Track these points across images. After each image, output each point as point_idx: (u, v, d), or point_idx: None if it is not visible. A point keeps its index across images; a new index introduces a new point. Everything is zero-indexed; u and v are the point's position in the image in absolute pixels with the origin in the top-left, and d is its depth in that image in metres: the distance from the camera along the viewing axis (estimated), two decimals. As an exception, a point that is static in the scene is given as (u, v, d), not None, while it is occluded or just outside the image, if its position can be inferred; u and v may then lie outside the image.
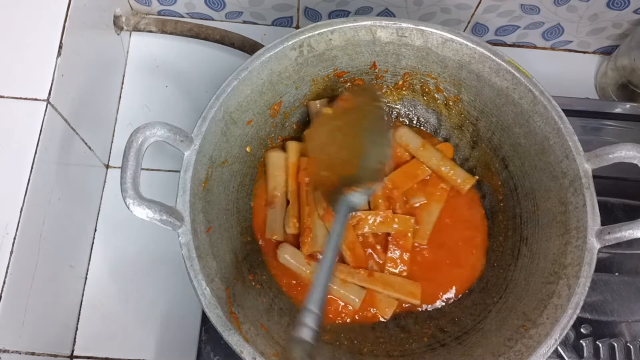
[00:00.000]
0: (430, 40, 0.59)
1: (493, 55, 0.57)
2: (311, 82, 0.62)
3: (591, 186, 0.52)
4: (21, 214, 0.52)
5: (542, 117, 0.56)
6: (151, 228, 0.65)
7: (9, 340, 0.51)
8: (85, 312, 0.67)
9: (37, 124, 0.54)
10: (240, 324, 0.50)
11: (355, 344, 0.58)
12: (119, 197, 0.47)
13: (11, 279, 0.50)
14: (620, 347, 0.63)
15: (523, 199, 0.61)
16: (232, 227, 0.58)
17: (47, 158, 0.55)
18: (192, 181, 0.51)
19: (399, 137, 0.65)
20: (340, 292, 0.60)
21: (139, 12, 0.80)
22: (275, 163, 0.63)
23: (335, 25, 0.57)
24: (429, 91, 0.65)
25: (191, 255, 0.49)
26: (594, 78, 0.83)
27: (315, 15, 0.79)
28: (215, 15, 0.81)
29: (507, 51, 0.60)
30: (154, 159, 0.73)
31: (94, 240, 0.70)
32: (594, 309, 0.64)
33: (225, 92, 0.54)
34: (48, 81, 0.55)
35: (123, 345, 0.66)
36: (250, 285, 0.56)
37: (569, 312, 0.49)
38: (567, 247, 0.53)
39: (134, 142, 0.48)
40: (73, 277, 0.66)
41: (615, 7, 0.73)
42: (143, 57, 0.79)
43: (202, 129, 0.53)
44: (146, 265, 0.69)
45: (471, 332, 0.57)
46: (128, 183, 0.46)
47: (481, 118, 0.63)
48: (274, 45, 0.56)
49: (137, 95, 0.77)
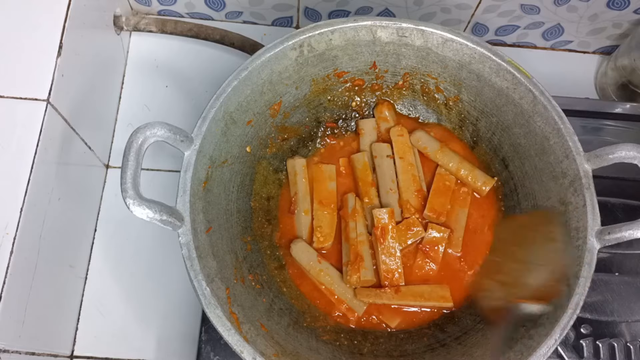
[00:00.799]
0: (431, 40, 0.59)
1: (493, 55, 0.57)
2: (311, 82, 0.62)
3: (591, 186, 0.52)
4: (21, 214, 0.52)
5: (542, 117, 0.56)
6: (151, 228, 0.65)
7: (9, 340, 0.51)
8: (85, 312, 0.67)
9: (37, 124, 0.54)
10: (240, 324, 0.50)
11: (355, 344, 0.58)
12: (119, 197, 0.47)
13: (11, 279, 0.50)
14: (620, 347, 0.63)
15: (523, 199, 0.61)
16: (232, 227, 0.58)
17: (47, 158, 0.55)
18: (192, 181, 0.51)
19: (415, 140, 0.65)
20: (347, 297, 0.59)
21: (139, 12, 0.80)
22: (294, 171, 0.64)
23: (336, 25, 0.57)
24: (429, 91, 0.65)
25: (191, 256, 0.49)
26: (594, 78, 0.83)
27: (315, 15, 0.79)
28: (215, 15, 0.81)
29: (507, 51, 0.60)
30: (154, 159, 0.73)
31: (94, 240, 0.70)
32: (594, 309, 0.64)
33: (225, 92, 0.54)
34: (48, 81, 0.55)
35: (123, 345, 0.66)
36: (250, 285, 0.56)
37: (569, 312, 0.49)
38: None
39: (134, 142, 0.48)
40: (73, 277, 0.66)
41: (615, 7, 0.73)
42: (143, 57, 0.79)
43: (202, 129, 0.53)
44: (146, 265, 0.69)
45: (471, 332, 0.57)
46: (128, 183, 0.46)
47: (481, 118, 0.63)
48: (274, 45, 0.56)
49: (137, 95, 0.77)
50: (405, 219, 0.61)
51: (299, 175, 0.64)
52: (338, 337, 0.58)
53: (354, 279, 0.58)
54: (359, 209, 0.61)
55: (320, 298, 0.61)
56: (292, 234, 0.63)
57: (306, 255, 0.61)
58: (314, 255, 0.61)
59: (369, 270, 0.59)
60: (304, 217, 0.63)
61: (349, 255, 0.60)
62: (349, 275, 0.58)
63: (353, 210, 0.61)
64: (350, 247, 0.60)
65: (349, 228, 0.61)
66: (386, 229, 0.59)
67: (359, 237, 0.60)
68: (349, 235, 0.60)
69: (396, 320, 0.59)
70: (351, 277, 0.58)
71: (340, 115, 0.68)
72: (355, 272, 0.58)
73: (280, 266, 0.62)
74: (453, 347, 0.56)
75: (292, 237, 0.63)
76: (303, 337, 0.56)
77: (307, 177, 0.64)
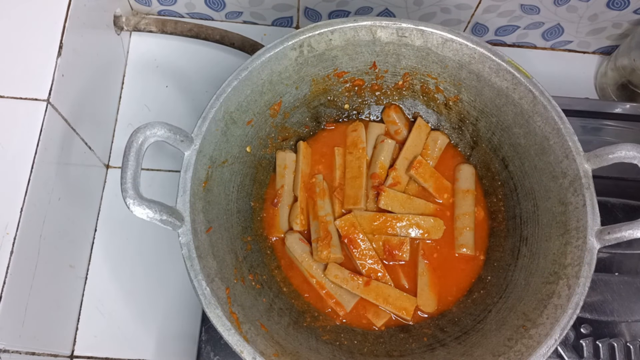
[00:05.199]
0: (430, 40, 0.59)
1: (493, 56, 0.57)
2: (311, 82, 0.62)
3: (591, 186, 0.52)
4: (21, 214, 0.52)
5: (542, 117, 0.56)
6: (151, 228, 0.65)
7: (9, 340, 0.51)
8: (85, 312, 0.67)
9: (37, 124, 0.54)
10: (240, 324, 0.50)
11: (355, 344, 0.58)
12: (119, 197, 0.47)
13: (11, 279, 0.50)
14: (620, 347, 0.63)
15: (523, 199, 0.61)
16: (232, 227, 0.58)
17: (47, 158, 0.55)
18: (192, 181, 0.51)
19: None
20: (335, 290, 0.60)
21: (139, 12, 0.80)
22: (284, 164, 0.65)
23: (336, 25, 0.57)
24: (429, 91, 0.65)
25: (191, 255, 0.49)
26: (594, 78, 0.83)
27: (315, 15, 0.79)
28: (215, 15, 0.81)
29: (507, 51, 0.60)
30: (154, 159, 0.73)
31: (94, 240, 0.70)
32: (594, 309, 0.64)
33: (226, 92, 0.54)
34: (48, 81, 0.55)
35: (123, 345, 0.66)
36: (250, 285, 0.56)
37: (569, 312, 0.49)
38: (567, 247, 0.53)
39: (134, 142, 0.48)
40: (73, 277, 0.66)
41: (615, 7, 0.73)
42: (143, 57, 0.79)
43: (202, 129, 0.53)
44: (146, 265, 0.69)
45: (471, 332, 0.57)
46: (128, 183, 0.46)
47: (481, 118, 0.63)
48: (274, 45, 0.56)
49: (137, 95, 0.77)
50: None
51: (288, 169, 0.65)
52: (338, 337, 0.58)
53: (324, 254, 0.60)
54: (326, 189, 0.63)
55: (309, 291, 0.61)
56: (273, 225, 0.64)
57: (299, 247, 0.61)
58: (306, 248, 0.61)
59: (337, 247, 0.60)
60: (286, 210, 0.64)
61: (319, 232, 0.61)
62: (319, 251, 0.60)
63: (321, 190, 0.63)
64: (320, 225, 0.61)
65: (317, 207, 0.62)
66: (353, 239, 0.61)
67: (327, 217, 0.62)
68: (317, 214, 0.62)
69: (382, 320, 0.60)
70: (321, 252, 0.60)
71: (341, 115, 0.68)
72: (325, 248, 0.60)
73: (280, 266, 0.62)
74: (453, 347, 0.56)
75: (271, 228, 0.63)
76: (303, 336, 0.56)
77: (295, 172, 0.65)
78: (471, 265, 0.63)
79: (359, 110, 0.68)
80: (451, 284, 0.62)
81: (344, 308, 0.60)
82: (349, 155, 0.65)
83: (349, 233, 0.61)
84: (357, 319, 0.60)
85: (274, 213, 0.64)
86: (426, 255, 0.62)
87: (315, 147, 0.67)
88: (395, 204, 0.62)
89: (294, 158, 0.65)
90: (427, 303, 0.60)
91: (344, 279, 0.60)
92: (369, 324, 0.60)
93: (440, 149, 0.66)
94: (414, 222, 0.62)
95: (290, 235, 0.62)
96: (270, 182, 0.65)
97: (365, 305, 0.60)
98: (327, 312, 0.60)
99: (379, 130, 0.67)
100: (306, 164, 0.65)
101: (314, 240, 0.61)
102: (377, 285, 0.60)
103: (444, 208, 0.64)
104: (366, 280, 0.60)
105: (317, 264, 0.61)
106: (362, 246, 0.61)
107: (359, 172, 0.63)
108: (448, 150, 0.67)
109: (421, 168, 0.63)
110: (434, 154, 0.66)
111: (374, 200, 0.63)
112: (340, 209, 0.63)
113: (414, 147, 0.65)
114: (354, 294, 0.60)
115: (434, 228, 0.62)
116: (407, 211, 0.63)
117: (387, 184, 0.63)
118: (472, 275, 0.63)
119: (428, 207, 0.64)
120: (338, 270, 0.60)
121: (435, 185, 0.64)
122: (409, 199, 0.63)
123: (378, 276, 0.61)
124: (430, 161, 0.65)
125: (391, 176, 0.63)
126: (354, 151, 0.65)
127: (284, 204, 0.64)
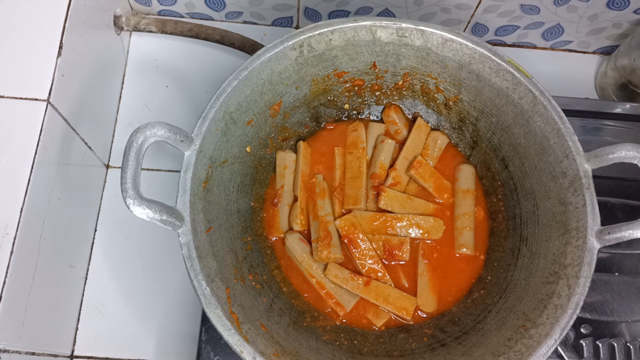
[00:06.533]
0: (430, 40, 0.59)
1: (493, 56, 0.57)
2: (311, 82, 0.62)
3: (591, 186, 0.52)
4: (21, 214, 0.52)
5: (542, 117, 0.56)
6: (151, 228, 0.65)
7: (9, 340, 0.51)
8: (85, 312, 0.67)
9: (37, 124, 0.54)
10: (240, 324, 0.50)
11: (355, 344, 0.58)
12: (119, 197, 0.47)
13: (11, 279, 0.50)
14: (620, 347, 0.63)
15: (523, 199, 0.61)
16: (232, 227, 0.58)
17: (47, 158, 0.55)
18: (192, 181, 0.51)
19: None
20: (335, 290, 0.60)
21: (139, 12, 0.80)
22: (284, 164, 0.65)
23: (336, 25, 0.57)
24: (429, 91, 0.65)
25: (191, 255, 0.49)
26: (594, 78, 0.83)
27: (315, 15, 0.79)
28: (215, 15, 0.81)
29: (507, 51, 0.60)
30: (154, 159, 0.73)
31: (94, 240, 0.70)
32: (594, 309, 0.64)
33: (226, 92, 0.54)
34: (48, 81, 0.55)
35: (123, 345, 0.66)
36: (250, 285, 0.56)
37: (569, 312, 0.49)
38: (567, 247, 0.53)
39: (134, 142, 0.48)
40: (73, 277, 0.66)
41: (615, 7, 0.73)
42: (143, 57, 0.79)
43: (202, 129, 0.53)
44: (146, 265, 0.69)
45: (471, 332, 0.57)
46: (128, 183, 0.46)
47: (481, 118, 0.63)
48: (274, 45, 0.56)
49: (137, 95, 0.77)
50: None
51: (288, 169, 0.65)
52: (338, 337, 0.58)
53: (324, 254, 0.60)
54: (326, 189, 0.64)
55: (309, 291, 0.61)
56: (273, 225, 0.64)
57: (300, 247, 0.61)
58: (306, 248, 0.61)
59: (337, 247, 0.60)
60: (286, 210, 0.64)
61: (319, 232, 0.61)
62: (319, 251, 0.60)
63: (321, 190, 0.63)
64: (320, 225, 0.61)
65: (317, 207, 0.62)
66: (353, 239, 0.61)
67: (327, 217, 0.62)
68: (317, 214, 0.62)
69: (382, 320, 0.60)
70: (321, 252, 0.60)
71: (340, 115, 0.68)
72: (325, 248, 0.60)
73: (280, 266, 0.62)
74: (453, 347, 0.56)
75: (271, 228, 0.63)
76: (303, 336, 0.56)
77: (295, 172, 0.65)
78: (471, 265, 0.63)
79: (359, 110, 0.68)
80: (451, 284, 0.62)
81: (344, 308, 0.60)
82: (349, 155, 0.65)
83: (349, 233, 0.61)
84: (357, 319, 0.60)
85: (274, 213, 0.64)
86: (426, 255, 0.62)
87: (315, 147, 0.67)
88: (395, 204, 0.62)
89: (294, 158, 0.65)
90: (427, 303, 0.60)
91: (344, 279, 0.60)
92: (369, 324, 0.60)
93: (440, 149, 0.66)
94: (414, 222, 0.62)
95: (290, 235, 0.62)
96: (270, 182, 0.65)
97: (365, 305, 0.60)
98: (327, 312, 0.60)
99: (379, 130, 0.67)
100: (306, 164, 0.65)
101: (314, 240, 0.61)
102: (377, 285, 0.60)
103: (444, 208, 0.64)
104: (366, 280, 0.60)
105: (317, 264, 0.61)
106: (362, 246, 0.61)
107: (359, 172, 0.63)
108: (448, 150, 0.67)
109: (421, 168, 0.63)
110: (434, 154, 0.66)
111: (374, 200, 0.63)
112: (340, 209, 0.63)
113: (414, 147, 0.65)
114: (354, 294, 0.60)
115: (434, 228, 0.62)
116: (407, 211, 0.63)
117: (387, 184, 0.63)
118: (472, 275, 0.63)
119: (428, 207, 0.64)
120: (338, 270, 0.60)
121: (435, 185, 0.64)
122: (409, 199, 0.63)
123: (378, 276, 0.61)
124: (430, 161, 0.65)
125: (391, 176, 0.63)
126: (354, 151, 0.65)
127: (284, 204, 0.64)
